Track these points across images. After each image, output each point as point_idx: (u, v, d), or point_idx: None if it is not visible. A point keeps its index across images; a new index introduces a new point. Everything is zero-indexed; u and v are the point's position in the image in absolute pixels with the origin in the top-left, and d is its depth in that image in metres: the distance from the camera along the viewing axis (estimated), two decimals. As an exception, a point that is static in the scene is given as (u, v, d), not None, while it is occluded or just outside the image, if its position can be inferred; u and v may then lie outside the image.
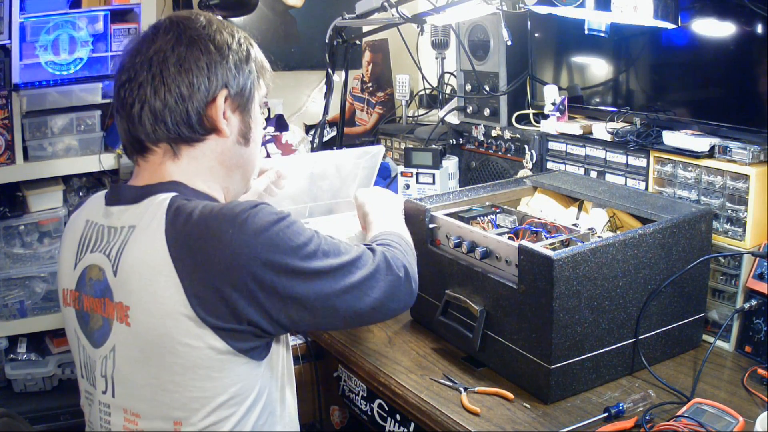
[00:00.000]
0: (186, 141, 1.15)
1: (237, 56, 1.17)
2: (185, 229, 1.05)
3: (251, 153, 1.23)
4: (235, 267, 1.02)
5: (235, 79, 1.17)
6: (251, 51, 1.21)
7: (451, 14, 1.89)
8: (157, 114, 1.12)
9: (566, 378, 1.33)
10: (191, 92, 1.12)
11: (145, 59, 1.12)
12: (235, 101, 1.17)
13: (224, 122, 1.16)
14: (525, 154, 2.05)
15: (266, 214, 1.06)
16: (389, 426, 1.51)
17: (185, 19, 1.16)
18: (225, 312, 1.03)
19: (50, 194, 2.32)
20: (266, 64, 1.26)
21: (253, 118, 1.22)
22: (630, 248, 1.34)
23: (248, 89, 1.19)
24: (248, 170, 1.25)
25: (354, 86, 2.83)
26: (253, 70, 1.20)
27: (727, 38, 1.55)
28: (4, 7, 2.11)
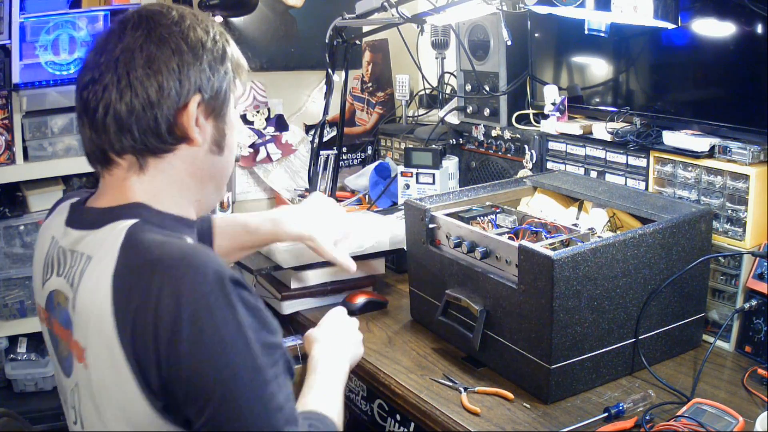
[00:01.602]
0: (153, 152, 1.04)
1: (212, 56, 1.06)
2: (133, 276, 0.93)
3: (225, 161, 1.13)
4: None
5: (210, 81, 1.05)
6: (227, 49, 1.09)
7: (451, 14, 1.89)
8: (122, 121, 1.00)
9: (566, 378, 1.33)
10: (160, 97, 1.01)
11: (110, 58, 1.01)
12: (209, 106, 1.06)
13: (197, 130, 1.05)
14: (525, 154, 2.05)
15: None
16: (389, 426, 1.51)
17: (156, 14, 1.05)
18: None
19: (50, 194, 2.31)
20: (243, 62, 1.14)
21: (228, 123, 1.11)
22: (630, 248, 1.34)
23: (223, 92, 1.08)
24: (222, 180, 1.15)
25: (354, 86, 2.83)
26: (229, 70, 1.09)
27: (727, 38, 1.55)
28: (4, 7, 2.11)
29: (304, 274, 1.75)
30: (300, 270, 1.74)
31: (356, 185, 2.59)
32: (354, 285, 1.81)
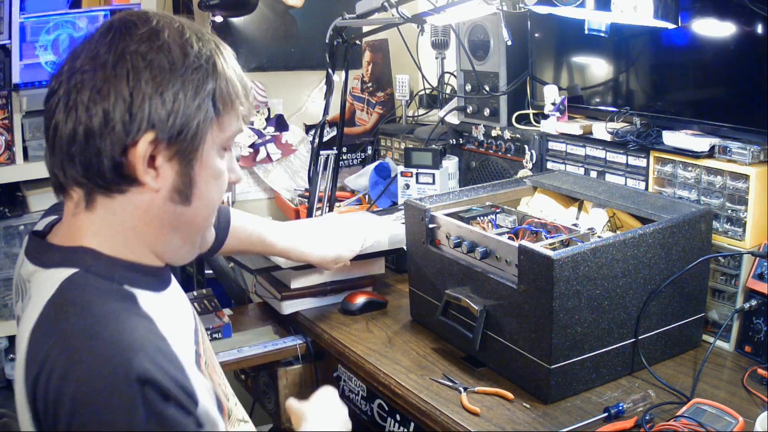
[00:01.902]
0: (100, 190, 0.89)
1: (181, 84, 0.87)
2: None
3: (193, 213, 0.93)
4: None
5: (171, 116, 0.86)
6: (209, 78, 0.89)
7: (451, 14, 1.89)
8: (66, 147, 0.87)
9: (566, 378, 1.33)
10: (104, 128, 0.85)
11: (69, 68, 0.87)
12: (171, 147, 0.88)
13: (150, 174, 0.88)
14: (525, 154, 2.05)
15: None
16: (389, 426, 1.51)
17: (129, 24, 0.88)
18: None
19: (50, 194, 2.30)
20: (236, 94, 0.93)
21: (202, 169, 0.91)
22: (630, 248, 1.34)
23: (192, 132, 0.88)
24: (190, 234, 0.96)
25: (354, 86, 2.83)
26: (206, 104, 0.89)
27: (727, 38, 1.55)
28: (4, 7, 2.11)
29: (304, 274, 1.75)
30: (300, 270, 1.74)
31: (356, 185, 2.59)
32: (354, 285, 1.81)
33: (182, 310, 1.02)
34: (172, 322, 0.93)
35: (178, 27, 0.90)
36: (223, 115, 0.91)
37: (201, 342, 1.03)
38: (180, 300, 1.04)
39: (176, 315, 0.98)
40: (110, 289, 0.89)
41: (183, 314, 1.02)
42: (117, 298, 0.88)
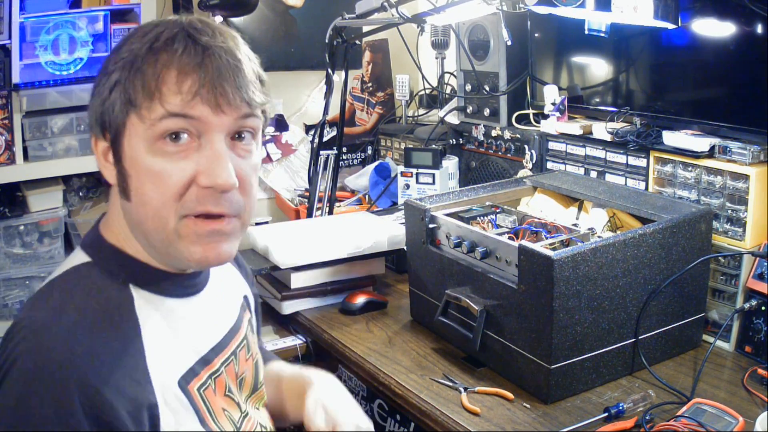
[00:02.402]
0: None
1: (99, 84, 0.90)
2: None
3: (136, 210, 0.90)
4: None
5: (94, 114, 0.91)
6: (117, 72, 0.87)
7: (451, 14, 1.89)
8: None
9: (566, 378, 1.33)
10: (90, 119, 0.93)
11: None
12: (105, 140, 0.92)
13: (106, 168, 0.93)
14: (525, 154, 2.05)
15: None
16: (389, 426, 1.51)
17: (145, 25, 0.93)
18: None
19: (50, 194, 2.31)
20: (162, 78, 0.86)
21: (129, 166, 0.89)
22: (630, 248, 1.34)
23: (110, 125, 0.89)
24: (146, 233, 0.91)
25: (354, 86, 2.83)
26: (115, 97, 0.87)
27: (727, 38, 1.55)
28: (4, 7, 2.10)
29: (304, 274, 1.75)
30: (300, 270, 1.74)
31: (356, 185, 2.59)
32: (354, 285, 1.81)
33: (202, 323, 1.00)
34: (170, 333, 0.93)
35: (148, 25, 0.91)
36: (140, 107, 0.86)
37: (218, 363, 1.00)
38: (207, 313, 1.01)
39: (186, 326, 0.97)
40: (110, 285, 0.91)
41: (200, 328, 0.99)
42: (111, 294, 0.90)
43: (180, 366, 0.93)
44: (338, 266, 1.78)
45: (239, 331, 1.08)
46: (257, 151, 0.96)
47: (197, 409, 0.93)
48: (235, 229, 0.93)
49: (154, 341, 0.90)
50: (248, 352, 1.09)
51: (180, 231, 0.89)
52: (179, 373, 0.92)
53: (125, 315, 0.89)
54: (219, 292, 1.06)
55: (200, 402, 0.94)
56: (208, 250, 0.91)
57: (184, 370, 0.93)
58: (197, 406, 0.93)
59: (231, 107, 0.88)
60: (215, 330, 1.02)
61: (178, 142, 0.87)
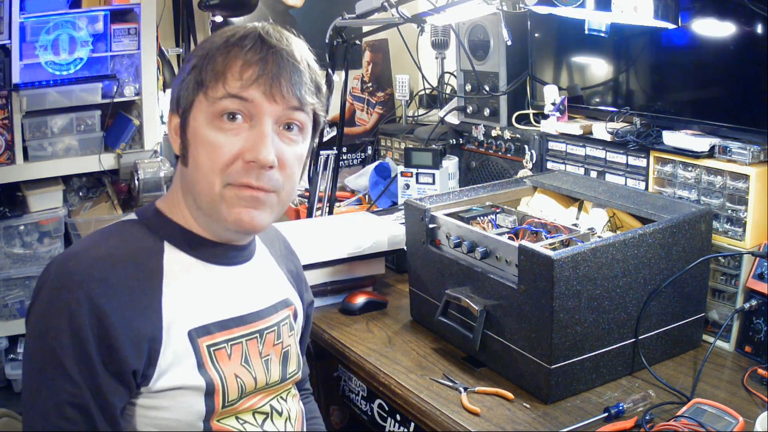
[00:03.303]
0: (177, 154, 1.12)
1: (186, 66, 1.07)
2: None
3: (191, 175, 1.06)
4: None
5: (174, 93, 1.09)
6: (197, 52, 1.06)
7: (451, 14, 1.89)
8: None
9: (566, 378, 1.33)
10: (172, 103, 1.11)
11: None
12: (176, 116, 1.08)
13: (176, 141, 1.09)
14: (525, 154, 2.05)
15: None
16: (389, 426, 1.51)
17: (224, 29, 1.09)
18: None
19: (50, 194, 2.32)
20: (228, 65, 1.02)
21: (191, 137, 1.05)
22: (630, 248, 1.34)
23: (182, 102, 1.06)
24: (196, 196, 1.06)
25: (354, 86, 2.83)
26: (190, 78, 1.05)
27: (727, 38, 1.55)
28: (4, 7, 2.11)
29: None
30: (300, 270, 1.74)
31: (356, 185, 2.59)
32: (354, 285, 1.81)
33: (231, 293, 1.11)
34: (193, 289, 1.06)
35: (231, 28, 1.06)
36: (207, 87, 1.02)
37: (238, 333, 1.10)
38: (242, 285, 1.13)
39: (213, 290, 1.08)
40: (147, 238, 1.06)
41: (228, 295, 1.10)
42: (145, 245, 1.05)
43: (194, 320, 1.04)
44: (338, 266, 1.78)
45: (271, 316, 1.17)
46: (303, 144, 1.09)
47: (200, 359, 1.03)
48: (272, 202, 1.06)
49: (174, 290, 1.03)
50: (278, 338, 1.18)
51: (224, 195, 1.03)
52: (191, 325, 1.03)
53: (152, 262, 1.04)
54: (257, 279, 1.18)
55: (206, 355, 1.04)
56: (243, 213, 1.04)
57: (196, 324, 1.04)
58: (201, 357, 1.03)
59: (282, 98, 1.03)
60: (241, 304, 1.12)
61: (233, 122, 1.02)
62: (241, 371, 1.09)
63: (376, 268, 1.85)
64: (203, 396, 1.03)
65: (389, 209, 2.26)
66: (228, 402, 1.07)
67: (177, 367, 1.01)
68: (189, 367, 1.02)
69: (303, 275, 1.37)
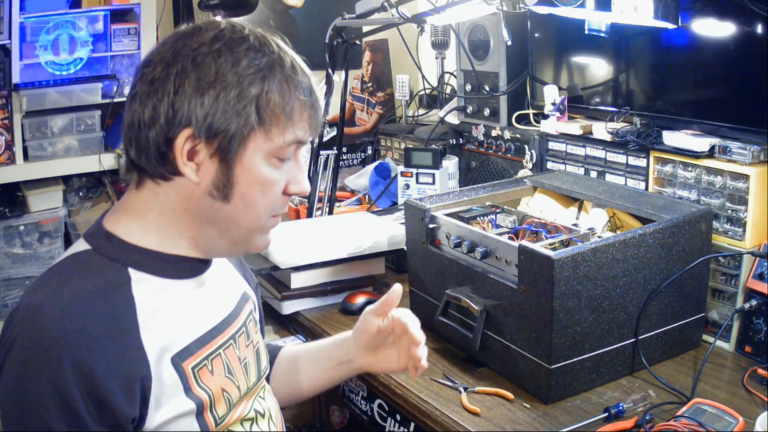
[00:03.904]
0: (149, 174, 0.98)
1: (222, 89, 0.93)
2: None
3: (233, 212, 0.99)
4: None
5: (209, 117, 0.93)
6: (253, 88, 0.94)
7: (451, 14, 1.89)
8: (125, 131, 0.98)
9: (566, 378, 1.33)
10: (152, 120, 0.94)
11: (145, 61, 0.98)
12: (211, 145, 0.95)
13: (190, 167, 0.96)
14: (525, 154, 2.05)
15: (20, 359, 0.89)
16: (389, 426, 1.51)
17: (196, 30, 0.97)
18: None
19: (50, 194, 2.31)
20: (289, 106, 0.97)
21: (242, 171, 0.97)
22: (630, 248, 1.34)
23: (231, 133, 0.94)
24: (229, 229, 1.01)
25: (354, 86, 2.83)
26: (248, 111, 0.94)
27: (727, 38, 1.55)
28: (4, 7, 2.11)
29: (304, 274, 1.75)
30: (300, 270, 1.74)
31: (356, 185, 2.59)
32: (354, 285, 1.81)
33: (200, 306, 1.06)
34: (167, 313, 0.99)
35: (243, 36, 0.96)
36: (270, 125, 0.96)
37: (216, 345, 1.06)
38: (206, 296, 1.08)
39: (184, 307, 1.03)
40: (108, 269, 0.97)
41: (198, 310, 1.05)
42: (109, 277, 0.96)
43: (175, 344, 0.99)
44: (338, 266, 1.78)
45: (238, 317, 1.14)
46: None
47: (186, 383, 0.99)
48: None
49: (149, 320, 0.96)
50: (248, 339, 1.16)
51: (264, 227, 1.04)
52: (173, 350, 0.98)
53: (121, 294, 0.96)
54: (217, 282, 1.12)
55: (191, 377, 1.00)
56: (269, 238, 1.07)
57: (178, 348, 0.99)
58: (187, 380, 0.99)
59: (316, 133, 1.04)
60: (212, 313, 1.08)
61: (285, 157, 1.00)
62: (226, 383, 1.06)
63: (376, 268, 1.85)
64: (195, 417, 1.00)
65: (389, 209, 2.26)
66: (219, 418, 1.04)
67: (168, 398, 0.96)
68: (178, 395, 0.98)
69: (241, 258, 1.29)
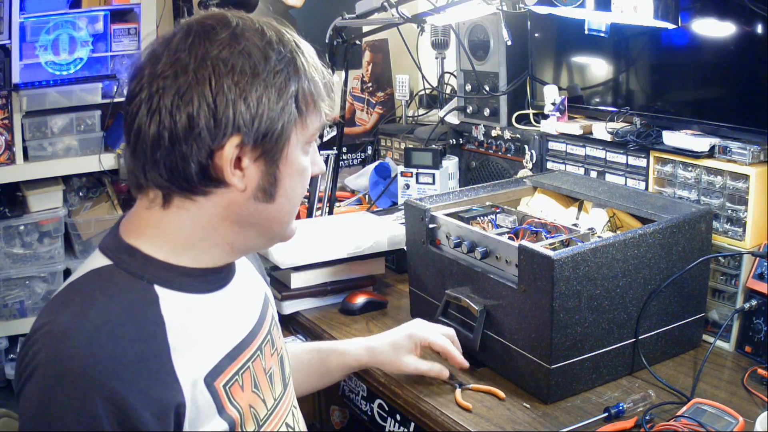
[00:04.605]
0: (182, 192, 0.91)
1: (263, 88, 0.88)
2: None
3: (276, 210, 0.96)
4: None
5: (256, 121, 0.88)
6: (290, 82, 0.90)
7: (451, 14, 1.89)
8: (149, 151, 0.88)
9: (566, 378, 1.33)
10: (188, 134, 0.86)
11: (151, 73, 0.87)
12: (257, 148, 0.90)
13: (236, 175, 0.90)
14: (525, 154, 2.05)
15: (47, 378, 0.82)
16: (389, 426, 1.51)
17: (208, 28, 0.89)
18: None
19: (50, 194, 2.32)
20: (317, 90, 0.94)
21: (287, 167, 0.94)
22: (630, 248, 1.34)
23: (278, 133, 0.90)
24: (271, 228, 0.98)
25: (354, 86, 2.83)
26: (289, 106, 0.90)
27: (727, 38, 1.55)
28: (4, 7, 2.11)
29: (304, 274, 1.75)
30: (300, 270, 1.74)
31: (356, 185, 2.59)
32: (354, 285, 1.81)
33: (228, 318, 1.01)
34: (196, 331, 0.94)
35: (257, 29, 0.92)
36: (306, 114, 0.94)
37: (245, 359, 1.01)
38: (233, 307, 1.02)
39: (213, 322, 0.97)
40: (133, 287, 0.91)
41: (226, 323, 1.00)
42: (135, 296, 0.90)
43: (206, 363, 0.93)
44: (338, 266, 1.78)
45: (263, 326, 1.09)
46: None
47: (220, 405, 0.93)
48: None
49: (180, 340, 0.90)
50: (273, 347, 1.10)
51: (295, 214, 1.02)
52: (205, 370, 0.93)
53: (150, 315, 0.89)
54: (242, 289, 1.07)
55: (224, 397, 0.94)
56: (296, 224, 1.03)
57: (210, 367, 0.94)
58: (221, 402, 0.94)
59: None
60: (241, 326, 1.03)
61: (312, 141, 0.99)
62: (253, 399, 1.01)
63: (376, 268, 1.85)
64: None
65: (389, 209, 2.26)
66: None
67: (202, 422, 0.91)
68: (212, 417, 0.92)
69: (257, 256, 1.24)
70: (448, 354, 1.38)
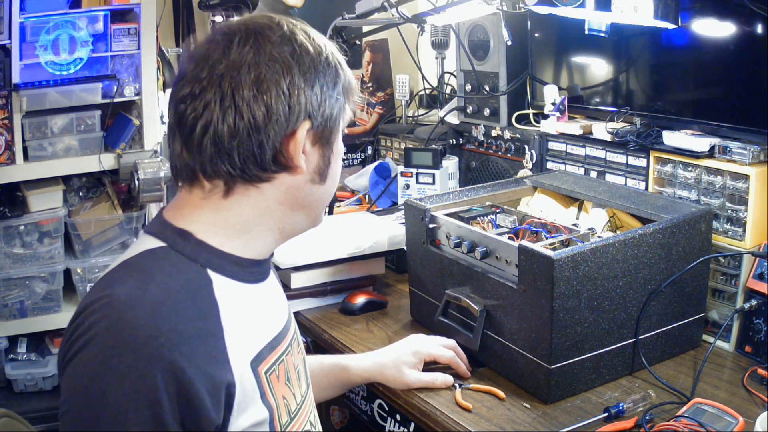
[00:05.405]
0: (249, 180, 0.96)
1: (324, 78, 0.98)
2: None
3: (325, 191, 1.04)
4: None
5: (321, 107, 0.98)
6: (340, 71, 1.01)
7: (451, 14, 1.89)
8: (222, 144, 0.93)
9: (566, 378, 1.33)
10: (268, 122, 0.93)
11: (213, 73, 0.93)
12: (318, 133, 0.99)
13: (303, 158, 0.97)
14: (525, 154, 2.05)
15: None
16: (389, 426, 1.51)
17: (265, 29, 0.97)
18: None
19: (50, 194, 2.31)
20: (354, 84, 1.05)
21: (335, 151, 1.04)
22: (630, 248, 1.34)
23: (334, 118, 1.01)
24: (317, 210, 1.06)
25: (354, 86, 2.83)
26: (340, 94, 1.01)
27: (727, 38, 1.55)
28: (4, 7, 2.11)
29: (304, 274, 1.75)
30: (300, 270, 1.74)
31: (356, 185, 2.59)
32: (354, 285, 1.81)
33: (268, 311, 1.07)
34: (244, 316, 0.98)
35: (301, 29, 1.00)
36: (348, 101, 1.04)
37: (281, 351, 1.05)
38: (271, 301, 1.09)
39: (257, 312, 1.03)
40: (188, 268, 0.95)
41: (267, 314, 1.06)
42: (191, 276, 0.94)
43: (252, 348, 0.98)
44: (338, 266, 1.78)
45: (291, 323, 1.15)
46: None
47: (262, 391, 0.97)
48: None
49: (231, 323, 0.94)
50: (299, 345, 1.16)
51: None
52: (251, 355, 0.97)
53: (205, 296, 0.93)
54: (275, 286, 1.14)
55: (266, 384, 0.98)
56: None
57: (255, 352, 0.98)
58: (263, 388, 0.97)
59: None
60: (277, 319, 1.09)
61: None
62: (286, 392, 1.04)
63: (376, 268, 1.85)
64: (267, 426, 0.98)
65: (389, 209, 2.26)
66: (282, 427, 1.01)
67: (247, 405, 0.94)
68: (255, 401, 0.95)
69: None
70: (456, 366, 1.44)
